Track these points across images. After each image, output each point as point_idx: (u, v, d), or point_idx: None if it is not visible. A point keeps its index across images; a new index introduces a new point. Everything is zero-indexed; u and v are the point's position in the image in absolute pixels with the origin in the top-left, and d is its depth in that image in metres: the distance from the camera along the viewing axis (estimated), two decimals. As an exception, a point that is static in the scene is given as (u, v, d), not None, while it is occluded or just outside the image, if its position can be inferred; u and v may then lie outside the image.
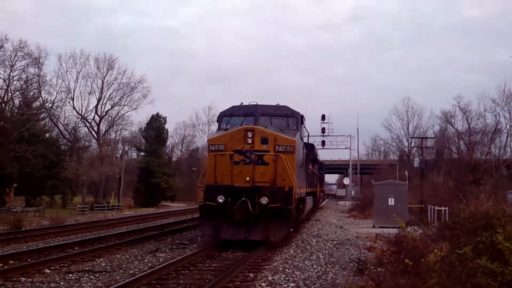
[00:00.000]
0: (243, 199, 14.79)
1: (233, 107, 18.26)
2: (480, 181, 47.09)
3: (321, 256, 14.26)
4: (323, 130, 57.29)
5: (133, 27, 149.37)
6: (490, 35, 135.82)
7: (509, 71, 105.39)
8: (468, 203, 15.18)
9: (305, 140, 21.17)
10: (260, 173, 15.23)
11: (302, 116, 18.50)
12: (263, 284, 10.06)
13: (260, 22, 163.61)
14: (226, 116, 17.94)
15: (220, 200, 14.90)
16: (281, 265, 12.38)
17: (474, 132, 60.57)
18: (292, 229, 18.00)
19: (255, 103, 17.78)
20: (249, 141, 15.33)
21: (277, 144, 15.48)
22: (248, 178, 15.10)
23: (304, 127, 19.85)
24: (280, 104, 18.19)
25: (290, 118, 17.79)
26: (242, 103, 18.23)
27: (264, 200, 14.81)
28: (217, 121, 18.69)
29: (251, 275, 11.05)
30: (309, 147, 23.90)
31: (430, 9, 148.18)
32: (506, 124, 59.38)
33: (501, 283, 6.26)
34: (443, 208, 21.07)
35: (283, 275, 11.03)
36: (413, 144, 70.18)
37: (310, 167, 25.14)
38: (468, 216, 12.05)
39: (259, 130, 15.62)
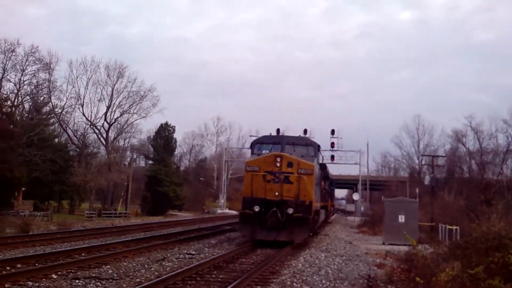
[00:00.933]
0: (274, 209, 19.34)
1: (264, 136, 23.72)
2: (491, 201, 46.55)
3: (329, 271, 14.09)
4: (332, 144, 57.21)
5: (145, 36, 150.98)
6: (502, 57, 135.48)
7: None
8: (480, 223, 14.95)
9: (320, 162, 25.63)
10: (287, 189, 19.71)
11: (319, 146, 24.15)
12: (270, 297, 9.93)
13: (271, 37, 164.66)
14: (258, 143, 22.94)
15: (256, 209, 19.39)
16: (289, 279, 12.23)
17: (486, 152, 60.13)
18: (311, 233, 22.82)
19: (281, 134, 23.96)
20: (278, 164, 19.90)
21: (300, 168, 20.03)
22: (277, 193, 19.65)
23: (320, 153, 25.34)
24: (302, 135, 24.27)
25: (309, 147, 22.53)
26: (270, 133, 23.81)
27: (290, 211, 19.36)
28: (250, 147, 24.17)
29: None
30: (323, 167, 28.40)
31: (441, 30, 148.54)
32: (518, 145, 58.88)
33: (515, 305, 6.11)
34: (454, 227, 20.84)
35: (291, 289, 10.91)
36: (423, 162, 69.84)
37: (323, 184, 28.87)
38: (480, 236, 11.88)
39: (286, 156, 20.17)
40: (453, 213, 29.51)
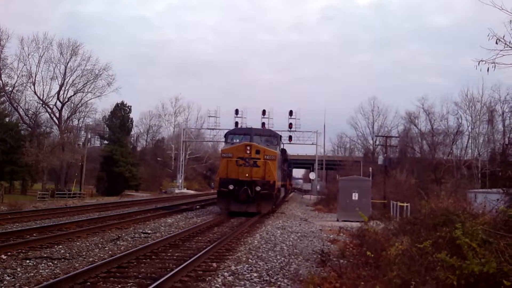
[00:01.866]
0: (245, 187, 23.96)
1: (236, 128, 30.84)
2: (441, 180, 48.28)
3: (284, 247, 14.32)
4: (290, 125, 57.91)
5: (102, 14, 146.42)
6: (456, 41, 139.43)
7: (472, 76, 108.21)
8: (430, 200, 15.49)
9: (281, 149, 30.82)
10: (255, 171, 24.31)
11: (280, 136, 30.04)
12: (226, 274, 10.00)
13: (235, 19, 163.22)
14: (231, 134, 28.10)
15: (230, 187, 23.92)
16: (244, 255, 12.36)
17: (437, 133, 62.00)
18: (274, 206, 28.09)
19: (250, 127, 30.99)
20: (248, 152, 24.44)
21: (265, 154, 24.78)
22: (247, 174, 24.19)
23: (281, 141, 31.19)
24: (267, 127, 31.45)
25: (273, 137, 27.75)
26: (241, 125, 31.50)
27: (258, 188, 23.98)
28: (224, 137, 29.57)
29: (214, 265, 10.98)
30: (283, 152, 33.52)
31: (399, 14, 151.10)
32: (468, 127, 60.99)
33: (459, 277, 6.37)
34: (405, 204, 21.50)
35: (246, 265, 11.01)
36: (377, 142, 71.56)
37: (283, 166, 33.27)
38: (429, 212, 12.32)
39: (254, 145, 24.86)
40: (405, 191, 30.45)
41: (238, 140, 26.58)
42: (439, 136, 61.61)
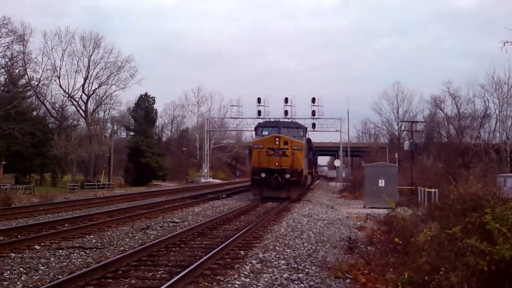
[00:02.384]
0: (275, 175, 26.09)
1: (265, 121, 33.03)
2: (469, 164, 47.44)
3: (311, 234, 14.35)
4: (313, 113, 57.75)
5: (123, 7, 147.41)
6: (481, 24, 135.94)
7: (498, 58, 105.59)
8: (458, 185, 15.27)
9: (307, 139, 32.74)
10: (284, 161, 26.27)
11: (306, 128, 32.42)
12: (254, 261, 10.10)
13: (252, 6, 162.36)
14: (261, 127, 30.23)
15: (262, 175, 26.09)
16: (271, 243, 12.45)
17: (464, 117, 60.73)
18: (302, 191, 30.49)
19: (278, 120, 35.91)
20: (277, 143, 26.45)
21: (293, 145, 26.68)
22: (277, 163, 26.21)
23: (307, 132, 32.88)
24: (294, 120, 35.42)
25: (299, 129, 29.95)
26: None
27: (287, 176, 25.96)
28: (254, 130, 31.78)
29: (242, 252, 11.10)
30: (309, 142, 35.61)
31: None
32: (495, 110, 59.45)
33: (490, 262, 6.30)
34: (433, 190, 21.23)
35: (274, 253, 11.10)
36: (403, 128, 70.48)
37: (309, 155, 35.48)
38: (458, 197, 12.14)
39: (282, 137, 26.83)
40: (432, 177, 30.02)
41: (267, 133, 28.92)
42: (466, 120, 60.37)
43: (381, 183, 24.67)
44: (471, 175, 21.87)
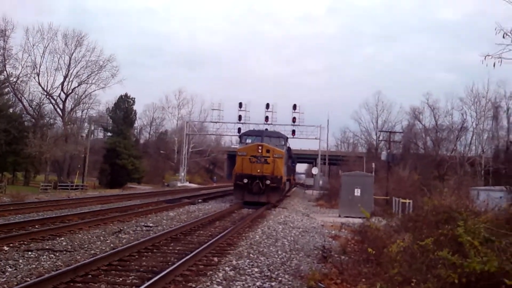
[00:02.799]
0: (257, 181, 27.61)
1: (249, 131, 35.17)
2: (444, 176, 48.20)
3: (286, 242, 14.32)
4: (293, 119, 57.91)
5: (109, 6, 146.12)
6: (462, 37, 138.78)
7: (478, 72, 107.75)
8: (432, 197, 15.43)
9: (287, 148, 34.65)
10: (265, 168, 27.85)
11: (287, 137, 34.59)
12: (227, 268, 10.00)
13: (239, 11, 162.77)
14: (245, 135, 32.20)
15: (245, 181, 27.61)
16: (246, 250, 12.38)
17: (441, 129, 61.77)
18: (281, 197, 33.37)
19: (262, 130, 35.82)
20: (260, 151, 28.08)
21: (274, 153, 28.30)
22: (259, 170, 27.75)
23: (288, 141, 35.32)
24: (275, 127, 41.02)
25: (280, 138, 31.68)
26: (254, 128, 37.92)
27: (268, 182, 27.54)
28: (239, 137, 34.10)
29: (215, 259, 10.99)
30: (289, 150, 37.21)
31: (406, 7, 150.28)
32: (472, 123, 60.84)
33: (461, 275, 6.35)
34: (408, 201, 21.46)
35: (248, 260, 11.02)
36: (381, 138, 71.36)
37: (289, 163, 37.88)
38: (431, 209, 12.26)
39: (265, 145, 28.46)
40: (407, 188, 30.38)
41: (250, 141, 30.47)
42: (443, 132, 61.42)
43: (357, 192, 24.85)
44: (445, 187, 22.21)
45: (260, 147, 28.14)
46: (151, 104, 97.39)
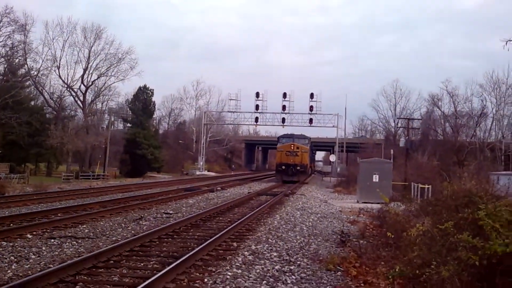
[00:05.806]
0: (291, 167, 43.63)
1: (284, 134, 50.02)
2: (464, 162, 47.52)
3: (304, 228, 14.37)
4: (311, 108, 57.66)
5: (128, 1, 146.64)
6: (482, 23, 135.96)
7: (498, 58, 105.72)
8: (451, 181, 15.27)
9: (310, 146, 52.03)
10: (296, 159, 43.98)
11: (310, 138, 50.74)
12: (246, 253, 10.10)
13: (256, 2, 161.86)
14: (282, 137, 48.34)
15: (283, 167, 44.01)
16: (264, 235, 12.46)
17: (460, 115, 60.79)
18: (307, 177, 50.28)
19: (292, 133, 49.66)
20: (292, 147, 44.55)
21: (302, 149, 45.00)
22: (292, 160, 43.88)
23: (310, 140, 50.54)
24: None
25: (306, 139, 48.25)
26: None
27: (298, 168, 43.81)
28: (277, 139, 50.78)
29: (235, 244, 11.10)
30: (311, 145, 52.85)
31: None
32: (492, 109, 59.67)
33: (482, 257, 6.31)
34: (427, 186, 21.27)
35: (266, 245, 11.11)
36: (399, 125, 70.51)
37: (311, 155, 54.70)
38: (451, 193, 12.13)
39: (295, 144, 44.89)
40: (426, 174, 30.05)
41: (285, 141, 46.35)
42: (462, 119, 60.40)
43: (375, 178, 24.75)
44: (465, 172, 21.89)
45: (292, 145, 44.27)
46: (169, 95, 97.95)
